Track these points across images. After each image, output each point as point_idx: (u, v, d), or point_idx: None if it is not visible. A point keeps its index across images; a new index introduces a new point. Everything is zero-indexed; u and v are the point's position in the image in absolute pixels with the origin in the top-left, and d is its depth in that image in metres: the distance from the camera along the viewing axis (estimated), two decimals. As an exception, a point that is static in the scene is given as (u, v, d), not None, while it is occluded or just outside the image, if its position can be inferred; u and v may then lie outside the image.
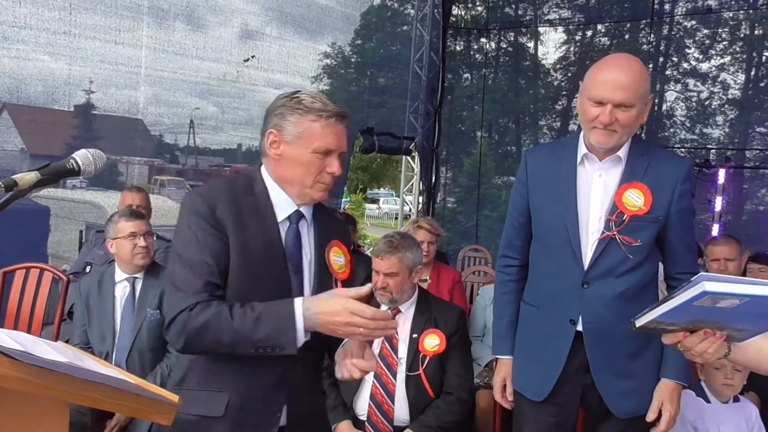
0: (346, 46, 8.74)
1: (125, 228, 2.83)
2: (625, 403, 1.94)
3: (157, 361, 2.82)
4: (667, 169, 1.90)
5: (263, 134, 1.60)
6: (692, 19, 7.51)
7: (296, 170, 1.58)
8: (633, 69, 1.82)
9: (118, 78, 5.53)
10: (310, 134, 1.56)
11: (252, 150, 8.58)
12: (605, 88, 1.80)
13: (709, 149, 7.26)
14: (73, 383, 1.02)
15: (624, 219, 1.85)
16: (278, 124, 1.56)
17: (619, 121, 1.82)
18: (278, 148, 1.56)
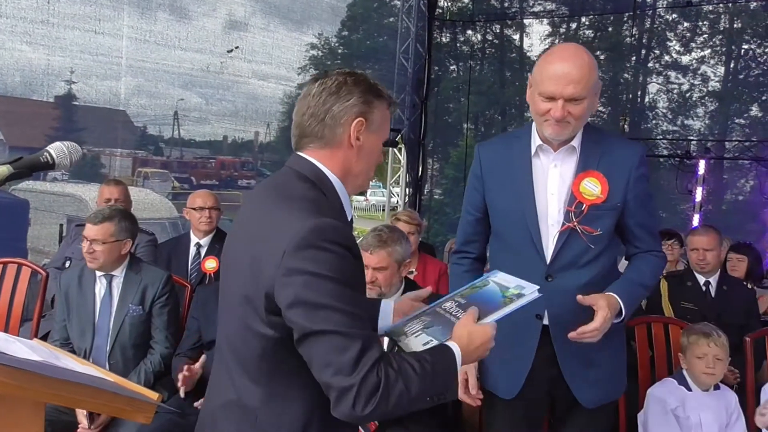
0: (333, 38, 8.69)
1: (85, 230, 2.78)
2: (593, 393, 1.94)
3: (140, 358, 2.78)
4: (620, 155, 1.88)
5: (335, 121, 1.34)
6: (673, 12, 7.57)
7: (368, 161, 1.41)
8: (582, 61, 1.79)
9: (98, 68, 5.44)
10: (386, 123, 1.43)
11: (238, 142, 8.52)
12: (556, 84, 1.78)
13: (690, 140, 7.33)
14: (48, 383, 1.00)
15: (583, 209, 1.84)
16: (365, 111, 1.36)
17: (572, 114, 1.80)
18: (359, 138, 1.37)
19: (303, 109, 1.39)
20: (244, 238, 1.34)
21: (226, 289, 1.39)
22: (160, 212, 6.69)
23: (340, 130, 1.35)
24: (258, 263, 1.24)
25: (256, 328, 1.25)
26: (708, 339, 2.44)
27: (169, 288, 2.89)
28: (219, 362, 1.41)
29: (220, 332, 1.42)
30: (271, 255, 1.21)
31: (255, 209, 1.37)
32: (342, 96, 1.35)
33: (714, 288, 3.45)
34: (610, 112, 8.55)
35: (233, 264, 1.36)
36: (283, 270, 1.18)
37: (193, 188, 8.33)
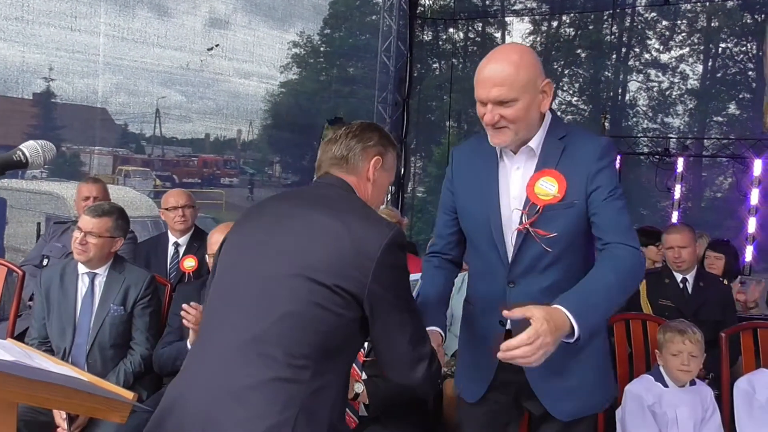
0: (315, 36, 8.67)
1: (80, 222, 2.77)
2: (566, 405, 1.81)
3: (119, 358, 2.75)
4: (582, 150, 1.77)
5: (357, 157, 1.64)
6: (652, 11, 7.65)
7: (379, 195, 1.72)
8: (510, 61, 1.71)
9: (75, 66, 5.38)
10: (394, 167, 1.74)
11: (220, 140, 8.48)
12: (482, 88, 1.72)
13: (670, 138, 7.42)
14: (20, 383, 0.99)
15: (537, 210, 1.75)
16: (381, 152, 1.67)
17: (506, 118, 1.72)
18: (375, 174, 1.66)
19: (331, 148, 1.67)
20: (296, 230, 1.48)
21: (259, 273, 1.47)
22: (140, 210, 6.63)
23: (361, 164, 1.64)
24: (339, 256, 1.41)
25: (328, 306, 1.39)
26: (683, 336, 2.47)
27: (152, 290, 2.87)
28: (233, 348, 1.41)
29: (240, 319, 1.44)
30: (360, 250, 1.41)
31: (306, 209, 1.52)
32: (364, 138, 1.66)
33: (691, 285, 3.50)
34: (591, 110, 8.63)
35: (276, 251, 1.47)
36: (377, 264, 1.41)
37: (175, 186, 8.28)
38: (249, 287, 1.46)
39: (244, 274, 1.49)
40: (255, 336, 1.38)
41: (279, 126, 8.28)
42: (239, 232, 1.60)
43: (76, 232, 2.73)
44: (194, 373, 1.45)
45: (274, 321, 1.38)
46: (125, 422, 1.15)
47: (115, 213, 2.83)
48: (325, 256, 1.41)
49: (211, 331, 1.50)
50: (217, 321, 1.49)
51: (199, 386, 1.41)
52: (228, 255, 1.57)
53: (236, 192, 10.21)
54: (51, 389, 1.04)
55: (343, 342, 1.43)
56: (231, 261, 1.55)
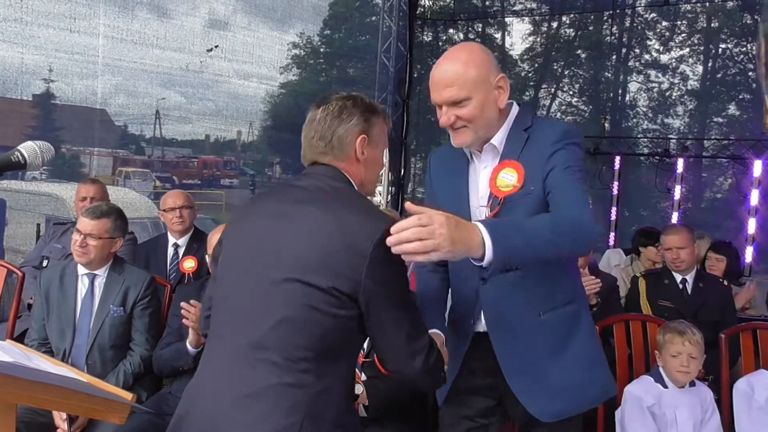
0: (315, 37, 8.67)
1: (79, 224, 2.77)
2: (551, 406, 1.75)
3: (119, 359, 2.75)
4: (542, 137, 1.73)
5: (342, 141, 1.54)
6: (652, 12, 7.65)
7: (374, 171, 1.63)
8: (458, 60, 1.70)
9: (74, 67, 5.38)
10: (383, 136, 1.63)
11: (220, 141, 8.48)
12: (434, 91, 1.73)
13: (670, 139, 7.42)
14: (19, 384, 0.99)
15: (499, 202, 1.72)
16: (365, 128, 1.57)
17: (462, 118, 1.70)
18: (363, 152, 1.57)
19: (311, 134, 1.57)
20: (288, 229, 1.45)
21: (254, 277, 1.45)
22: (140, 212, 6.63)
23: (347, 148, 1.55)
24: (332, 254, 1.38)
25: (324, 309, 1.37)
26: (683, 337, 2.47)
27: (151, 290, 2.87)
28: (234, 354, 1.42)
29: (238, 324, 1.44)
30: (352, 247, 1.37)
31: (298, 205, 1.47)
32: (344, 118, 1.55)
33: (690, 285, 3.50)
34: (591, 110, 8.63)
35: (270, 253, 1.44)
36: (370, 260, 1.36)
37: (175, 187, 8.27)
38: (246, 292, 1.46)
39: (241, 278, 1.48)
40: (253, 342, 1.39)
41: (279, 127, 8.28)
42: (235, 232, 1.58)
43: (75, 235, 2.73)
44: (203, 379, 1.48)
45: (271, 326, 1.38)
46: (124, 423, 1.15)
47: (114, 213, 2.82)
48: (318, 256, 1.38)
49: (215, 336, 1.51)
50: (219, 326, 1.51)
51: (206, 392, 1.43)
52: (226, 257, 1.56)
53: (236, 193, 10.21)
54: (49, 390, 1.04)
55: (343, 342, 1.42)
56: (228, 263, 1.55)
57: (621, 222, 7.35)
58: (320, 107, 1.58)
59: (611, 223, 7.32)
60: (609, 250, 5.75)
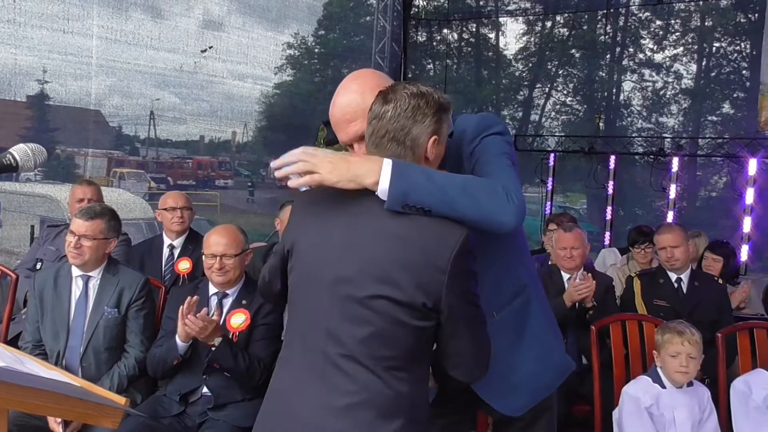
0: (309, 37, 8.65)
1: (72, 225, 2.75)
2: (518, 399, 1.75)
3: (113, 361, 2.73)
4: (459, 139, 1.65)
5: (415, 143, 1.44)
6: (646, 11, 7.66)
7: (436, 165, 1.55)
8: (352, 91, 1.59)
9: (68, 68, 5.36)
10: (448, 130, 1.55)
11: (215, 142, 8.45)
12: (341, 131, 1.62)
13: (664, 138, 7.43)
14: (10, 389, 0.98)
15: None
16: (436, 129, 1.48)
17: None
18: (433, 152, 1.49)
19: (381, 131, 1.46)
20: (367, 240, 1.40)
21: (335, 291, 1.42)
22: (134, 213, 6.61)
23: (418, 149, 1.47)
24: (413, 267, 1.36)
25: (409, 322, 1.38)
26: (682, 337, 2.46)
27: (146, 292, 2.85)
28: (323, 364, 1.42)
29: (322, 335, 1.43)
30: (431, 262, 1.36)
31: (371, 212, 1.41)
32: (418, 120, 1.46)
33: (686, 285, 3.50)
34: (586, 110, 8.64)
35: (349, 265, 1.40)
36: (449, 275, 1.37)
37: (170, 188, 8.25)
38: (327, 305, 1.43)
39: (320, 290, 1.44)
40: (344, 353, 1.40)
41: (274, 127, 8.27)
42: (307, 239, 1.50)
43: (69, 236, 2.72)
44: (293, 386, 1.47)
45: (359, 340, 1.39)
46: (117, 428, 1.14)
47: (107, 214, 2.81)
48: (399, 269, 1.37)
49: (296, 345, 1.51)
50: (300, 336, 1.50)
51: (302, 399, 1.44)
52: (301, 266, 1.50)
53: (231, 194, 10.19)
54: (42, 395, 1.03)
55: (426, 348, 1.47)
56: (304, 273, 1.50)
57: (616, 221, 7.36)
58: (389, 102, 1.46)
59: (606, 222, 7.33)
60: (604, 250, 5.75)
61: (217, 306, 2.75)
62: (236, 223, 3.00)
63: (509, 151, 1.64)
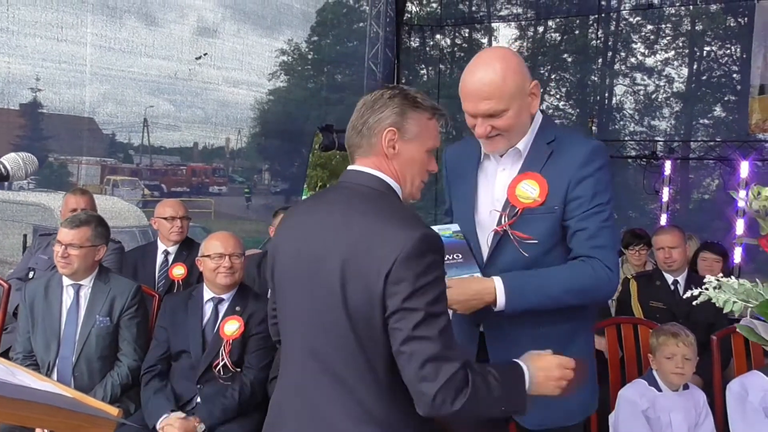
0: (303, 43, 8.66)
1: (59, 235, 2.73)
2: (540, 414, 1.64)
3: (106, 371, 2.71)
4: (568, 155, 1.71)
5: (371, 131, 1.45)
6: (637, 15, 7.70)
7: (412, 169, 1.50)
8: (495, 72, 1.66)
9: (62, 76, 5.35)
10: (426, 132, 1.51)
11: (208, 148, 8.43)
12: (470, 102, 1.70)
13: (657, 141, 7.47)
14: (0, 401, 0.97)
15: (516, 212, 1.71)
16: (397, 122, 1.46)
17: (498, 128, 1.69)
18: (394, 147, 1.46)
19: (350, 123, 1.51)
20: (333, 256, 1.37)
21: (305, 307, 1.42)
22: (128, 220, 6.59)
23: (374, 139, 1.46)
24: (365, 277, 1.31)
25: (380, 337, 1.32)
26: (677, 339, 2.47)
27: (138, 299, 2.84)
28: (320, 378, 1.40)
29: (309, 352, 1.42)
30: (378, 265, 1.30)
31: (334, 222, 1.40)
32: (376, 109, 1.47)
33: (682, 286, 3.51)
34: (579, 114, 8.68)
35: (318, 282, 1.38)
36: (393, 278, 1.28)
37: (164, 195, 8.23)
38: (306, 312, 1.43)
39: (300, 298, 1.45)
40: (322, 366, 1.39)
41: (268, 134, 8.25)
42: (286, 246, 1.51)
43: (57, 246, 2.70)
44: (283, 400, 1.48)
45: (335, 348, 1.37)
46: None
47: (93, 221, 2.80)
48: (355, 284, 1.32)
49: (289, 352, 1.51)
50: (291, 347, 1.50)
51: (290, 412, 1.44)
52: (281, 273, 1.51)
53: (225, 200, 10.16)
54: (33, 407, 1.01)
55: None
56: (284, 281, 1.50)
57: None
58: (363, 97, 1.52)
59: None
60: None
61: (212, 312, 2.74)
62: (230, 230, 3.00)
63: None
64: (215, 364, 2.58)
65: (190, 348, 2.66)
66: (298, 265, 1.44)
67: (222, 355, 2.57)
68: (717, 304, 1.35)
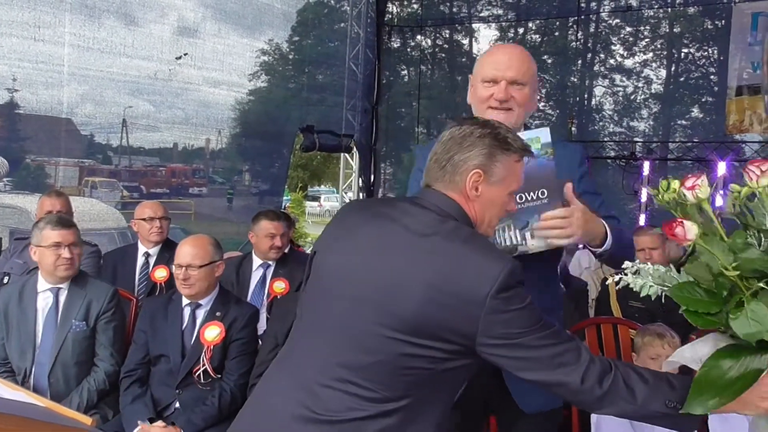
0: (284, 43, 8.61)
1: (50, 236, 2.68)
2: (534, 398, 1.80)
3: (82, 376, 2.68)
4: (562, 155, 1.81)
5: (455, 169, 1.40)
6: (616, 17, 7.79)
7: (491, 211, 1.47)
8: (522, 52, 1.90)
9: (39, 76, 5.26)
10: (512, 176, 1.47)
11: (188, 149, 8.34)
12: (496, 68, 1.85)
13: (635, 142, 7.55)
14: (-30, 413, 0.94)
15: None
16: (484, 164, 1.41)
17: (515, 99, 1.84)
18: (477, 189, 1.42)
19: (432, 154, 1.47)
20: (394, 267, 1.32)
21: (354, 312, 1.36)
22: (107, 222, 6.51)
23: (458, 178, 1.41)
24: (443, 301, 1.27)
25: (426, 365, 1.29)
26: (662, 341, 2.48)
27: (115, 303, 2.81)
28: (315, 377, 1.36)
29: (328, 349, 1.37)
30: (468, 296, 1.26)
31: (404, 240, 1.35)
32: (465, 147, 1.41)
33: (660, 286, 3.55)
34: (558, 114, 8.73)
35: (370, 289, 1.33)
36: (489, 310, 1.26)
37: (143, 197, 8.13)
38: (337, 326, 1.37)
39: (333, 312, 1.39)
40: (343, 377, 1.32)
41: (248, 134, 8.20)
42: (331, 256, 1.45)
43: (63, 250, 2.65)
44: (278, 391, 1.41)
45: (363, 366, 1.31)
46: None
47: (74, 224, 2.82)
48: (422, 304, 1.26)
49: (294, 354, 1.45)
50: (301, 347, 1.44)
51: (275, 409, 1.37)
52: (318, 280, 1.45)
53: (206, 202, 10.06)
54: (4, 419, 0.99)
55: (442, 387, 1.36)
56: (319, 290, 1.45)
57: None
58: (451, 128, 1.46)
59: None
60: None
61: (190, 317, 2.71)
62: (211, 232, 2.97)
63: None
64: (195, 370, 2.56)
65: (169, 352, 2.63)
66: (352, 276, 1.37)
67: (203, 361, 2.55)
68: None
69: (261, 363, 2.58)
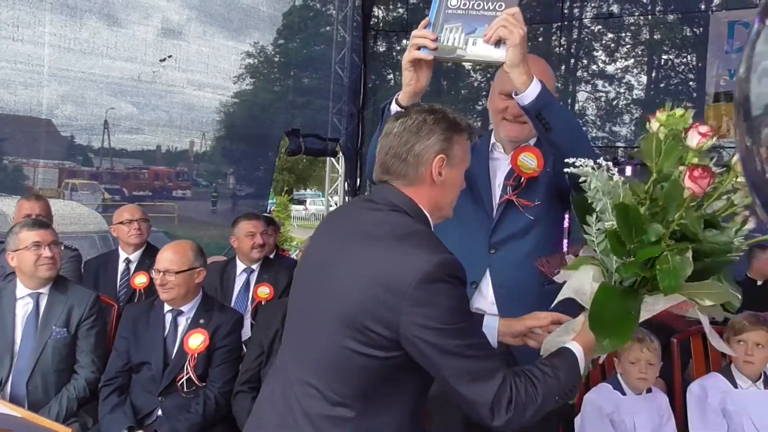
0: (269, 46, 8.58)
1: (27, 237, 2.62)
2: None
3: (62, 384, 2.62)
4: None
5: (418, 159, 1.40)
6: (598, 24, 7.88)
7: (451, 194, 1.49)
8: (545, 66, 1.96)
9: (17, 77, 5.18)
10: (466, 155, 1.49)
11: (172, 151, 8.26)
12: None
13: (618, 147, 7.63)
14: (-54, 424, 0.92)
15: (521, 182, 1.93)
16: (446, 148, 1.42)
17: None
18: (442, 173, 1.43)
19: (386, 148, 1.45)
20: (340, 267, 1.36)
21: (313, 313, 1.40)
22: (88, 226, 6.41)
23: (422, 168, 1.41)
24: (374, 293, 1.28)
25: (366, 351, 1.29)
26: (641, 344, 2.51)
27: (96, 309, 2.76)
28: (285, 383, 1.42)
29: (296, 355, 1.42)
30: (394, 286, 1.26)
31: (354, 240, 1.39)
32: (423, 135, 1.41)
33: (643, 290, 3.57)
34: (543, 120, 8.80)
35: (324, 290, 1.37)
36: (411, 301, 1.25)
37: (125, 200, 8.02)
38: (299, 326, 1.44)
39: (299, 312, 1.47)
40: (302, 380, 1.36)
41: (233, 137, 8.15)
42: (305, 259, 1.54)
43: (43, 249, 2.60)
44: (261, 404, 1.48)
45: (315, 365, 1.35)
46: (65, 460, 1.08)
47: (51, 225, 2.80)
48: (359, 297, 1.29)
49: (276, 363, 1.53)
50: (280, 353, 1.51)
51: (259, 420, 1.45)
52: (294, 286, 1.54)
53: (190, 205, 9.96)
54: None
55: (392, 383, 1.34)
56: (295, 294, 1.52)
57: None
58: (398, 120, 1.46)
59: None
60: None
61: (171, 323, 2.68)
62: (195, 235, 2.94)
63: None
64: (179, 378, 2.52)
65: (151, 359, 2.59)
66: (314, 274, 1.43)
67: (187, 369, 2.51)
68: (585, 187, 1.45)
69: (246, 370, 2.56)
